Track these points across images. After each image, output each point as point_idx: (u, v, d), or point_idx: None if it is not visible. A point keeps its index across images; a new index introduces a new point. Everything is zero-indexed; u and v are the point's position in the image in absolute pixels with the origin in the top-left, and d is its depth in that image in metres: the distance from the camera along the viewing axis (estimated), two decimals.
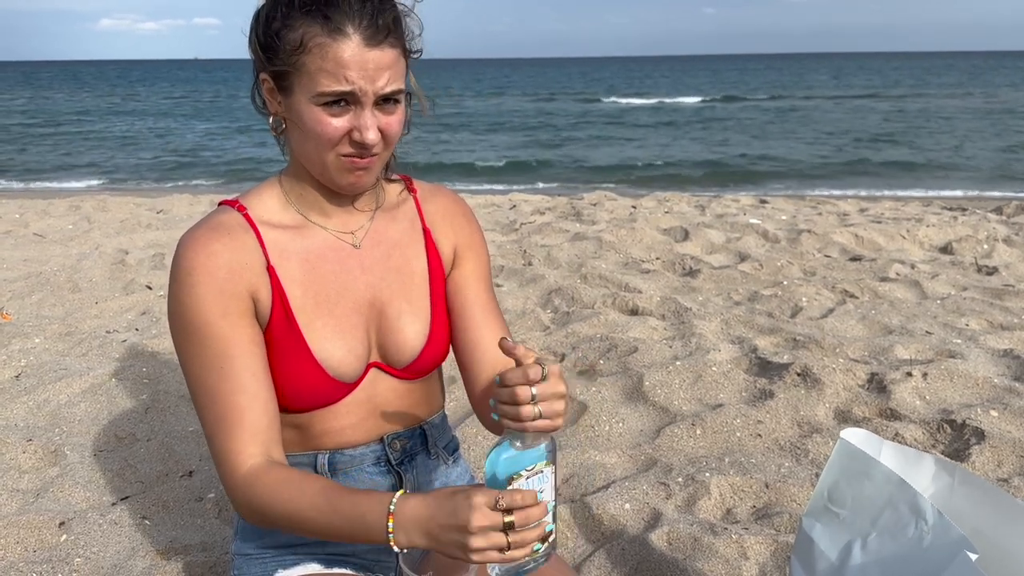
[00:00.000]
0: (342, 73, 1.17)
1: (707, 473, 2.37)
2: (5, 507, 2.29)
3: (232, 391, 1.22)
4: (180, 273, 1.23)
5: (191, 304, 1.22)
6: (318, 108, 1.19)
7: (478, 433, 2.68)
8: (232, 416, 1.22)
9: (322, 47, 1.16)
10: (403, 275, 1.38)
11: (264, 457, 1.22)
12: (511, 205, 7.45)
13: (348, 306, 1.33)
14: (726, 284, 4.46)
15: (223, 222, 1.27)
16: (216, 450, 1.24)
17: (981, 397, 2.88)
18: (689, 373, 3.07)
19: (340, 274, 1.33)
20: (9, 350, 3.50)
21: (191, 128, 26.51)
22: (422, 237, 1.42)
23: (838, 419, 2.78)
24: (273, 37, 1.19)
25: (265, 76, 1.23)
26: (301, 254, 1.31)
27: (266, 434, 1.23)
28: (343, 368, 1.31)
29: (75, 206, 7.58)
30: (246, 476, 1.21)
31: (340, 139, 1.21)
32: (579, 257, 5.04)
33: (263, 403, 1.24)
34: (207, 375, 1.23)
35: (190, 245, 1.24)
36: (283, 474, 1.20)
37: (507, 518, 1.03)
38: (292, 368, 1.28)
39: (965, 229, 5.58)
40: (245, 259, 1.25)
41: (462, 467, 1.57)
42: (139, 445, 2.66)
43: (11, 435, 2.68)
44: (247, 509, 1.23)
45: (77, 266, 5.03)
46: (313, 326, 1.29)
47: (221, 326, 1.22)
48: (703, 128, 24.87)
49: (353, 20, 1.16)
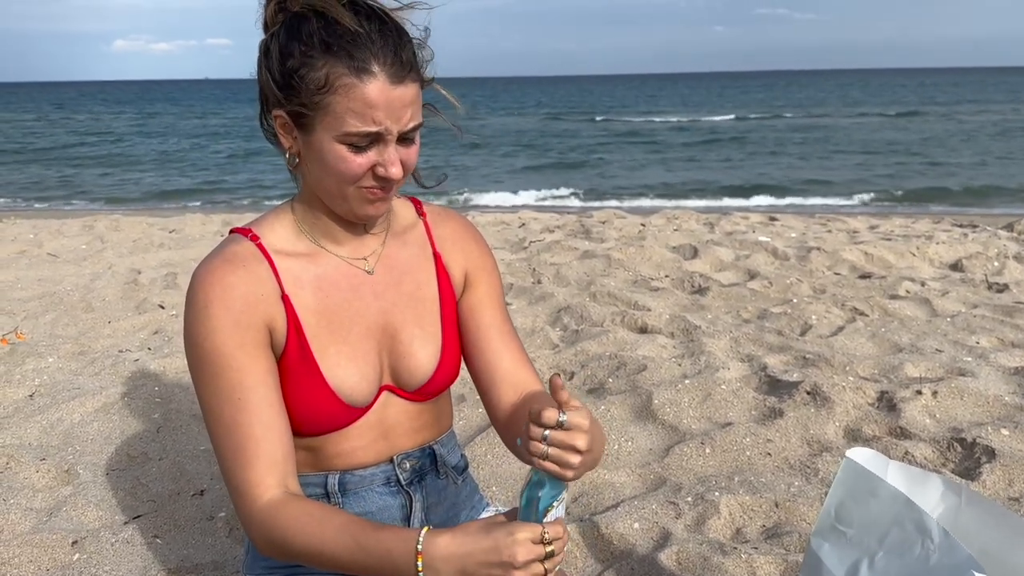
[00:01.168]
0: (370, 114, 1.17)
1: (716, 492, 2.37)
2: (19, 526, 2.31)
3: (249, 423, 1.22)
4: (197, 306, 1.24)
5: (208, 336, 1.22)
6: (342, 146, 1.19)
7: (487, 452, 2.69)
8: (249, 447, 1.22)
9: (349, 88, 1.16)
10: (415, 300, 1.39)
11: (281, 489, 1.22)
12: (520, 223, 7.48)
13: (361, 332, 1.33)
14: (735, 302, 4.46)
15: (237, 253, 1.28)
16: (233, 482, 1.23)
17: (992, 416, 2.87)
18: (698, 391, 3.07)
19: (353, 301, 1.34)
20: (23, 369, 3.53)
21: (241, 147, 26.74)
22: (433, 262, 1.43)
23: (848, 438, 2.78)
24: (292, 75, 1.18)
25: (280, 113, 1.22)
26: (314, 282, 1.31)
27: (283, 465, 1.23)
28: (356, 394, 1.32)
29: (88, 226, 7.65)
30: (265, 508, 1.20)
31: (364, 175, 1.22)
32: (588, 275, 5.06)
33: (279, 434, 1.24)
34: (223, 406, 1.23)
35: (206, 278, 1.25)
36: (304, 508, 1.20)
37: (547, 548, 1.05)
38: (305, 394, 1.29)
39: (975, 246, 5.56)
40: (260, 290, 1.26)
41: (471, 486, 1.58)
42: (151, 464, 2.68)
43: (25, 454, 2.70)
44: (265, 542, 1.22)
45: (90, 286, 5.08)
46: (327, 353, 1.30)
47: (238, 357, 1.22)
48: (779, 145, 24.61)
49: (377, 57, 1.16)
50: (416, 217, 1.45)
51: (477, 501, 1.59)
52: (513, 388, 1.40)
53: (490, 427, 2.82)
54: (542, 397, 1.38)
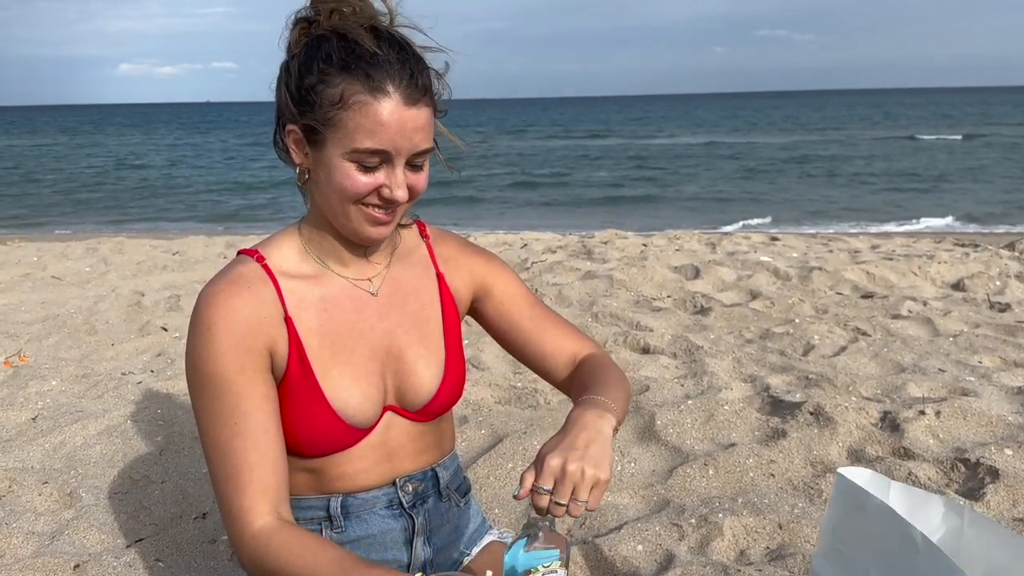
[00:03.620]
0: (381, 132, 1.19)
1: (720, 513, 2.36)
2: (21, 549, 2.31)
3: (244, 448, 1.23)
4: (200, 327, 1.25)
5: (209, 359, 1.23)
6: (349, 163, 1.21)
7: (489, 474, 2.68)
8: (244, 473, 1.22)
9: (362, 105, 1.18)
10: (419, 320, 1.41)
11: (274, 516, 1.23)
12: (522, 244, 7.50)
13: (365, 352, 1.34)
14: (738, 322, 4.46)
15: (243, 274, 1.29)
16: (226, 506, 1.24)
17: (995, 435, 2.86)
18: (701, 412, 3.07)
19: (357, 322, 1.35)
20: (27, 392, 3.53)
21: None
22: (436, 282, 1.45)
23: (851, 458, 2.77)
24: (308, 91, 1.21)
25: (294, 128, 1.25)
26: (318, 304, 1.33)
27: (276, 492, 1.24)
28: (359, 415, 1.33)
29: (92, 248, 7.67)
30: (257, 535, 1.21)
31: (368, 194, 1.24)
32: (590, 295, 5.06)
33: (273, 462, 1.24)
34: (220, 430, 1.24)
35: (211, 300, 1.26)
36: (298, 537, 1.21)
37: None
38: (308, 415, 1.30)
39: (977, 265, 5.57)
40: (264, 312, 1.27)
41: (474, 509, 1.58)
42: (154, 487, 2.68)
43: (27, 477, 2.70)
44: (255, 567, 1.22)
45: (94, 308, 5.09)
46: (330, 375, 1.31)
47: (238, 382, 1.23)
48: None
49: (394, 79, 1.19)
50: (420, 239, 1.47)
51: (480, 524, 1.58)
52: (566, 364, 1.50)
53: (493, 448, 2.82)
54: (586, 361, 1.49)
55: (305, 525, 1.38)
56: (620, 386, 1.37)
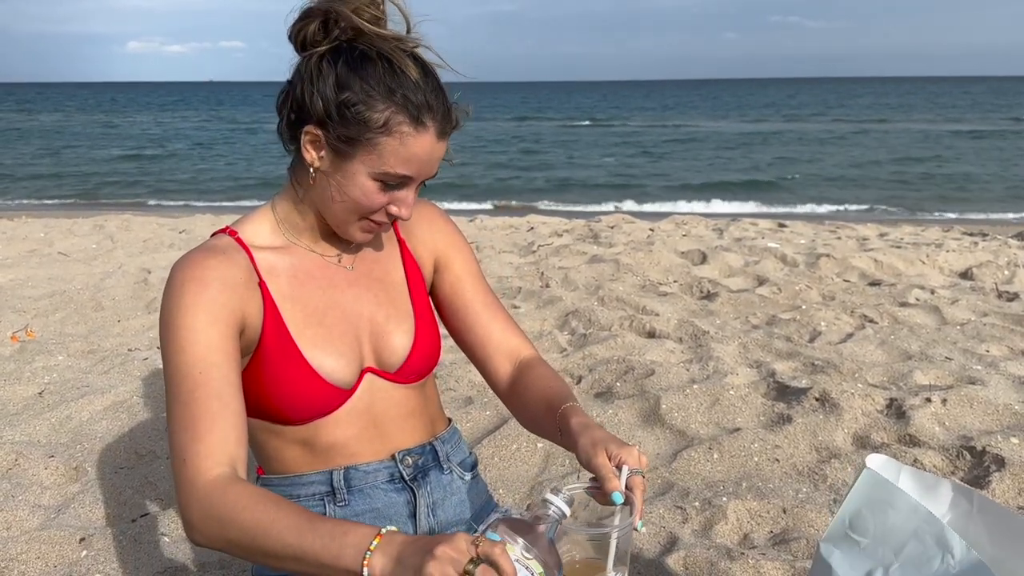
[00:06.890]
0: (414, 161, 1.26)
1: (724, 497, 2.37)
2: (27, 522, 2.32)
3: (207, 396, 1.21)
4: (173, 285, 1.26)
5: (182, 310, 1.24)
6: (373, 182, 1.27)
7: (494, 455, 2.69)
8: (205, 421, 1.19)
9: (404, 135, 1.24)
10: (385, 284, 1.45)
11: (231, 468, 1.19)
12: (529, 227, 7.48)
13: (337, 316, 1.38)
14: (744, 308, 4.45)
15: (216, 244, 1.33)
16: (181, 454, 1.19)
17: (1001, 424, 2.85)
18: (706, 397, 3.06)
19: (328, 288, 1.39)
20: (33, 367, 3.54)
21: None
22: (397, 247, 1.50)
23: (856, 445, 2.76)
24: (347, 108, 1.23)
25: (317, 132, 1.26)
26: (289, 271, 1.37)
27: (235, 447, 1.21)
28: (337, 373, 1.35)
29: (99, 225, 7.69)
30: (213, 483, 1.16)
31: (379, 210, 1.30)
32: (596, 279, 5.05)
33: (235, 415, 1.22)
34: (184, 379, 1.22)
35: (185, 263, 1.28)
36: (256, 490, 1.16)
37: (469, 566, 0.98)
38: (287, 376, 1.31)
39: (985, 254, 5.54)
40: (238, 275, 1.29)
41: (481, 485, 1.58)
42: (159, 462, 2.69)
43: (34, 451, 2.71)
44: (206, 519, 1.16)
45: (100, 285, 5.10)
46: (304, 335, 1.34)
47: (208, 333, 1.23)
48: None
49: (433, 112, 1.25)
50: None
51: (486, 499, 1.58)
52: (507, 357, 1.51)
53: (498, 429, 2.82)
54: (535, 365, 1.49)
55: (307, 502, 1.38)
56: (572, 394, 1.43)
